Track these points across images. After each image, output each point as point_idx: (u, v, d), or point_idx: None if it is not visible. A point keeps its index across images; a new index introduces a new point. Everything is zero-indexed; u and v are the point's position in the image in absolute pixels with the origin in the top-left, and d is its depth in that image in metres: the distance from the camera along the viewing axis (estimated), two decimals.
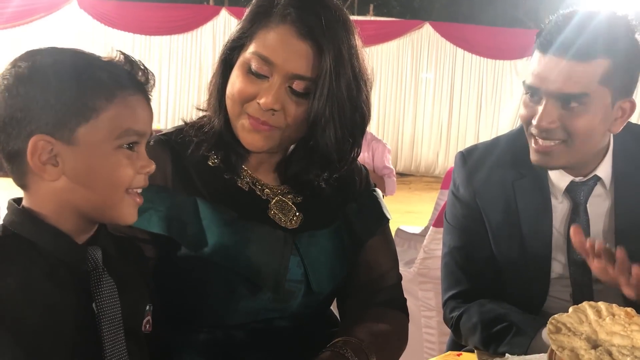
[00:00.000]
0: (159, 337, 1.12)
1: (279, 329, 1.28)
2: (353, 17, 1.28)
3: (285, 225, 1.29)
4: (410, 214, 7.86)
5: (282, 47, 1.18)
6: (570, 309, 1.05)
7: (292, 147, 1.33)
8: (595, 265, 1.26)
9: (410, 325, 1.42)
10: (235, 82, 1.22)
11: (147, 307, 1.07)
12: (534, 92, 1.42)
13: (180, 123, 1.36)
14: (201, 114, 1.35)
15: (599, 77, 1.35)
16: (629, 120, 1.47)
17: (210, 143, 1.28)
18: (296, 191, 1.34)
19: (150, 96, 1.02)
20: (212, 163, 1.29)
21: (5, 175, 1.01)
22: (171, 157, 1.26)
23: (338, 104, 1.21)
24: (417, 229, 4.46)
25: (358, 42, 1.26)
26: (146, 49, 12.33)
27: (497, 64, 13.40)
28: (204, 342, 1.24)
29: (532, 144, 1.46)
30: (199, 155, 1.28)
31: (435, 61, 13.41)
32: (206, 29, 12.52)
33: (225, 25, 12.29)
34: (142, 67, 1.01)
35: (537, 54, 1.42)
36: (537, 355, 1.02)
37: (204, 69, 12.30)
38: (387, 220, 1.44)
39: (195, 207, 1.22)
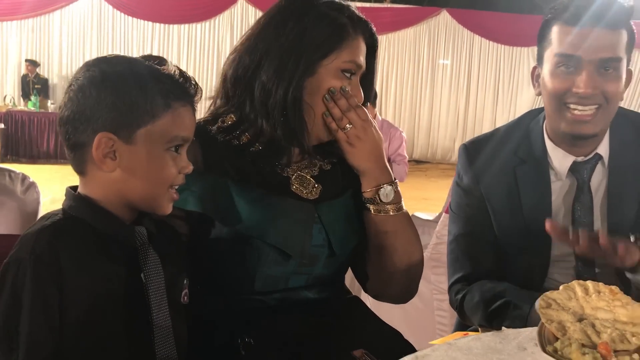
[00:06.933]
0: (195, 307, 1.26)
1: (305, 297, 1.41)
2: (370, 5, 1.39)
3: (307, 196, 1.42)
4: (426, 200, 7.91)
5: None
6: (561, 287, 1.15)
7: None
8: (579, 249, 1.37)
9: (422, 307, 1.52)
10: (324, 83, 1.37)
11: (185, 281, 1.23)
12: (570, 61, 1.51)
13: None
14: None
15: (623, 45, 1.51)
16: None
17: (252, 145, 1.40)
18: (312, 164, 1.46)
19: (195, 107, 1.17)
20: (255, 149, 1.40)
21: (57, 162, 1.16)
22: (200, 144, 1.37)
23: None
24: (432, 216, 4.53)
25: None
26: (165, 37, 12.49)
27: (514, 50, 13.35)
28: (237, 309, 1.37)
29: (567, 115, 1.53)
30: (225, 140, 1.40)
31: (452, 48, 13.39)
32: (224, 17, 12.62)
33: (242, 12, 12.36)
34: (193, 82, 1.16)
35: (561, 26, 1.52)
36: (529, 328, 1.12)
37: (222, 57, 12.39)
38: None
39: (226, 187, 1.35)
